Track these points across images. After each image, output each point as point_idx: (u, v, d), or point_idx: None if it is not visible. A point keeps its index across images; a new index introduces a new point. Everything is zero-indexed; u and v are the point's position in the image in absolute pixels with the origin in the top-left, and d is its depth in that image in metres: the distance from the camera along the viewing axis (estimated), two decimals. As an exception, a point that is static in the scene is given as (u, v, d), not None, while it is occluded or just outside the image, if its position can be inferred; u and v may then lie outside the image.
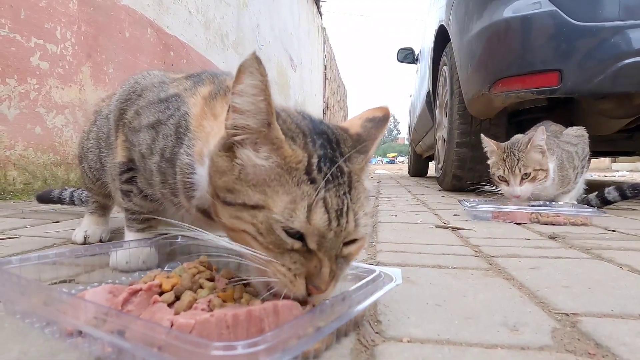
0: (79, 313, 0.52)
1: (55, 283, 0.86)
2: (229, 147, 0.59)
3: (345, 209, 0.55)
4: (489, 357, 0.54)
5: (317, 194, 0.53)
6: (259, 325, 0.49)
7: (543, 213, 1.85)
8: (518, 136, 2.52)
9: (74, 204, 1.77)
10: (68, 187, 1.93)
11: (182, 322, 0.47)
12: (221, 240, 0.62)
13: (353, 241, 0.58)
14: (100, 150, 1.17)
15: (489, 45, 2.81)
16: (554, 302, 0.75)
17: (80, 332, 0.53)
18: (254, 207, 0.54)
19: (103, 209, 1.33)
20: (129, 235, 1.03)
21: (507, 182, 2.15)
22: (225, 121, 0.58)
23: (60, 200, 1.82)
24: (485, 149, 2.30)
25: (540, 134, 2.07)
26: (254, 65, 0.53)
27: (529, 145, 2.09)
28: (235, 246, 0.58)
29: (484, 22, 2.80)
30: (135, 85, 0.99)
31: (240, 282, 0.60)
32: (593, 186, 2.32)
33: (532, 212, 1.86)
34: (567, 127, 2.58)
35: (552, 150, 2.17)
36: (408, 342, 0.58)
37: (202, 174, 0.70)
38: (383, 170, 14.36)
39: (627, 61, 2.38)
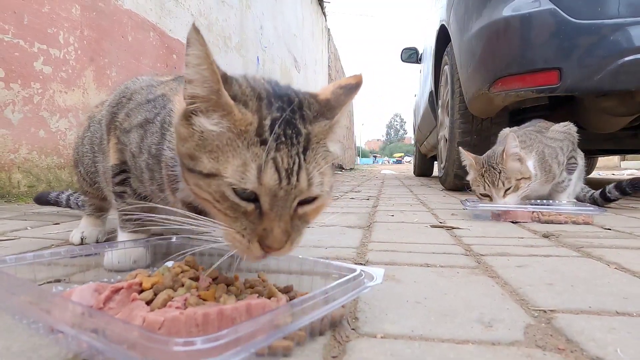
0: (61, 312, 0.54)
1: (50, 282, 0.88)
2: (187, 116, 0.61)
3: (296, 167, 0.56)
4: (457, 352, 0.55)
5: (268, 154, 0.55)
6: (231, 325, 0.50)
7: (544, 212, 1.84)
8: (505, 130, 2.48)
9: (69, 207, 1.80)
10: (67, 190, 1.96)
11: (151, 319, 0.48)
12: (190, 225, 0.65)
13: (310, 201, 0.60)
14: (94, 155, 1.20)
15: (488, 44, 2.80)
16: (533, 299, 0.76)
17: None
18: (208, 175, 0.57)
19: (100, 211, 1.36)
20: (122, 236, 1.05)
21: (489, 197, 2.03)
22: (184, 91, 0.61)
23: (57, 203, 1.85)
24: (464, 163, 2.19)
25: (512, 141, 1.95)
26: (193, 36, 0.55)
27: (504, 156, 1.97)
28: (202, 226, 0.62)
29: (484, 21, 2.80)
30: (126, 90, 1.02)
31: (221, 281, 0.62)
32: (600, 185, 2.29)
33: (534, 211, 1.85)
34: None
35: (531, 147, 2.10)
36: (382, 337, 0.60)
37: None
38: (389, 170, 14.34)
39: (627, 58, 2.37)
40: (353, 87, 0.69)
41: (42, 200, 1.89)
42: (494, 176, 1.99)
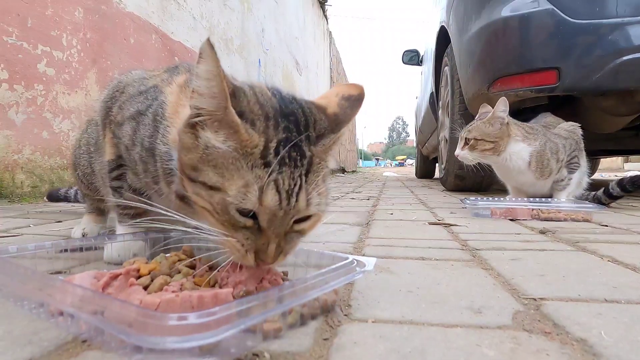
0: (62, 295, 0.56)
1: (51, 274, 0.90)
2: (193, 125, 0.61)
3: (296, 189, 0.58)
4: (444, 334, 0.56)
5: (269, 176, 0.56)
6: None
7: (544, 209, 1.85)
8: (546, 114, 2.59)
9: (78, 201, 1.89)
10: (73, 187, 2.00)
11: (148, 301, 0.50)
12: (189, 221, 0.65)
13: (307, 218, 0.62)
14: (90, 155, 1.23)
15: (487, 45, 2.82)
16: (524, 289, 0.77)
17: (61, 313, 0.57)
18: (212, 187, 0.58)
19: (99, 211, 1.38)
20: (121, 229, 1.07)
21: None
22: (190, 100, 0.61)
23: (66, 198, 1.96)
24: None
25: (501, 105, 2.13)
26: (207, 51, 0.55)
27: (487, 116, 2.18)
28: (202, 225, 0.62)
29: (483, 21, 2.82)
30: (119, 84, 1.03)
31: (208, 264, 0.64)
32: (602, 186, 2.30)
33: (533, 209, 1.86)
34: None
35: (535, 136, 2.18)
36: (372, 322, 0.61)
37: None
38: (391, 172, 14.37)
39: (625, 58, 2.38)
40: (357, 99, 0.70)
41: (53, 196, 2.00)
42: (465, 127, 2.27)
